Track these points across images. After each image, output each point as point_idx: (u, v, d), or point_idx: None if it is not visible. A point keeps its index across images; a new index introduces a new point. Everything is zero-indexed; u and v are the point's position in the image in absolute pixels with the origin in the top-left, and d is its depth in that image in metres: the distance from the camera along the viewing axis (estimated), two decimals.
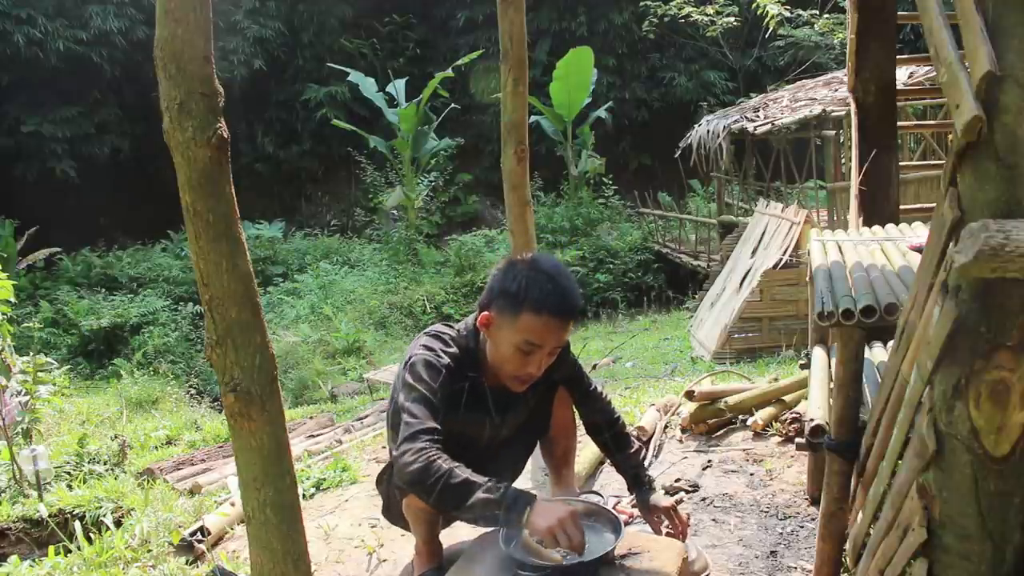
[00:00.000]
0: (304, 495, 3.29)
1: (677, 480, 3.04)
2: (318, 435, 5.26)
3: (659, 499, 2.17)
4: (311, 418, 6.35)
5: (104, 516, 3.36)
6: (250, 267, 1.64)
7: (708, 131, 12.76)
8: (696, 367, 7.29)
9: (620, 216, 17.09)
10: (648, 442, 3.42)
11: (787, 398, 3.55)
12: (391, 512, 2.26)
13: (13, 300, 4.20)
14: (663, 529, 2.12)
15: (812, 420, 1.88)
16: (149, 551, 2.84)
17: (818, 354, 2.37)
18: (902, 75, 7.98)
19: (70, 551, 2.96)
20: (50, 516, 3.53)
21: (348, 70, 16.65)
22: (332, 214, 19.91)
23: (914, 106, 8.45)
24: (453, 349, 1.99)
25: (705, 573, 2.24)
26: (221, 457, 4.87)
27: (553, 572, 1.76)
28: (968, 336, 0.93)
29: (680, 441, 3.52)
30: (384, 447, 3.82)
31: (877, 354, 2.24)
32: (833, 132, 9.87)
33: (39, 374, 4.38)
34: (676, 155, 14.20)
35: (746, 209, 12.42)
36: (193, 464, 4.77)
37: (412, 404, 1.85)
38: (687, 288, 13.27)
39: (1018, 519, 0.99)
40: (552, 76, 15.79)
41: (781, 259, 7.87)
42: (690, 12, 16.57)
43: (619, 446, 2.27)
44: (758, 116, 11.59)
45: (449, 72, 15.76)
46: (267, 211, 18.25)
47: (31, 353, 4.48)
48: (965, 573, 1.04)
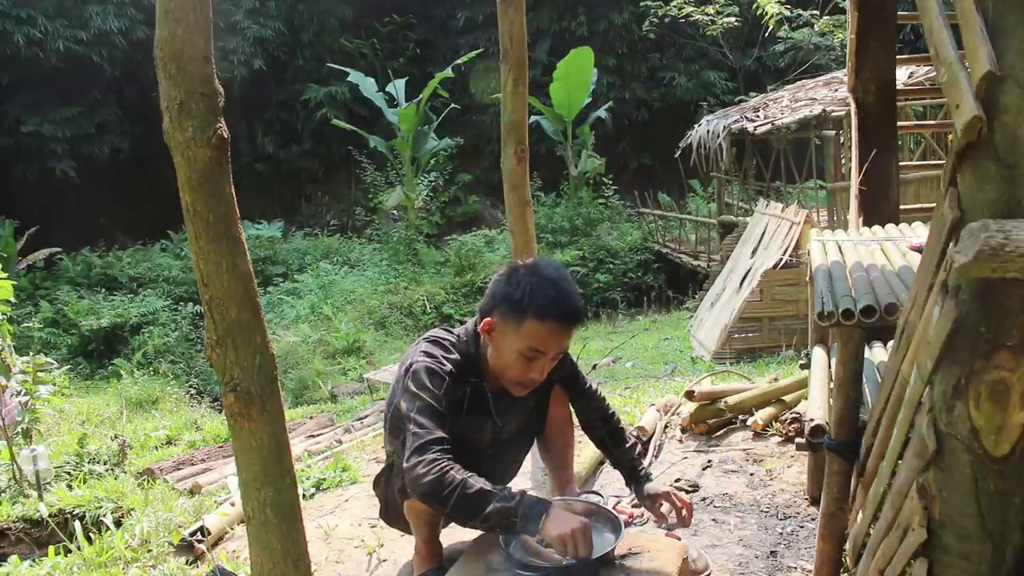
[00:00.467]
0: (304, 495, 3.29)
1: (677, 480, 3.05)
2: (318, 435, 5.26)
3: (656, 486, 2.18)
4: (311, 418, 6.34)
5: (104, 516, 3.36)
6: (250, 267, 1.65)
7: (708, 131, 12.75)
8: (696, 367, 7.29)
9: (620, 216, 17.10)
10: (648, 442, 3.42)
11: (787, 398, 3.55)
12: (389, 515, 2.27)
13: (13, 300, 4.19)
14: (667, 515, 2.12)
15: (812, 420, 1.88)
16: (149, 551, 2.84)
17: (818, 354, 2.37)
18: (902, 75, 7.97)
19: (70, 551, 2.96)
20: (50, 516, 3.52)
21: (348, 70, 16.65)
22: (332, 214, 19.91)
23: (914, 106, 8.43)
24: (455, 355, 1.99)
25: (705, 573, 2.25)
26: (221, 457, 4.86)
27: (553, 572, 1.77)
28: (968, 336, 0.93)
29: (680, 441, 3.52)
30: (383, 447, 3.81)
31: (877, 354, 2.24)
32: (833, 132, 9.86)
33: (39, 374, 4.37)
34: (676, 155, 14.19)
35: (746, 209, 12.42)
36: (193, 464, 4.76)
37: (418, 414, 1.84)
38: (687, 288, 13.27)
39: (1018, 519, 0.99)
40: (552, 76, 15.80)
41: (781, 259, 7.86)
42: (690, 12, 16.58)
43: (615, 441, 2.29)
44: (758, 116, 11.58)
45: (449, 72, 15.77)
46: (267, 211, 18.24)
47: (31, 353, 4.47)
48: (965, 573, 1.04)
